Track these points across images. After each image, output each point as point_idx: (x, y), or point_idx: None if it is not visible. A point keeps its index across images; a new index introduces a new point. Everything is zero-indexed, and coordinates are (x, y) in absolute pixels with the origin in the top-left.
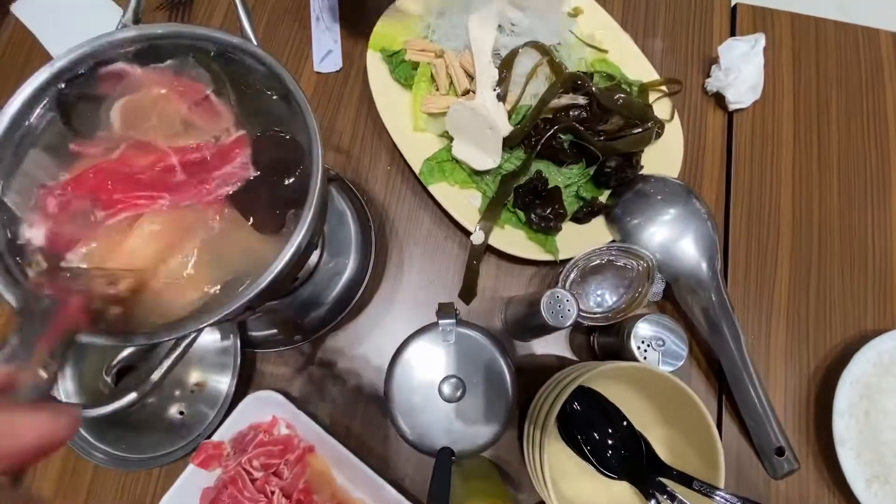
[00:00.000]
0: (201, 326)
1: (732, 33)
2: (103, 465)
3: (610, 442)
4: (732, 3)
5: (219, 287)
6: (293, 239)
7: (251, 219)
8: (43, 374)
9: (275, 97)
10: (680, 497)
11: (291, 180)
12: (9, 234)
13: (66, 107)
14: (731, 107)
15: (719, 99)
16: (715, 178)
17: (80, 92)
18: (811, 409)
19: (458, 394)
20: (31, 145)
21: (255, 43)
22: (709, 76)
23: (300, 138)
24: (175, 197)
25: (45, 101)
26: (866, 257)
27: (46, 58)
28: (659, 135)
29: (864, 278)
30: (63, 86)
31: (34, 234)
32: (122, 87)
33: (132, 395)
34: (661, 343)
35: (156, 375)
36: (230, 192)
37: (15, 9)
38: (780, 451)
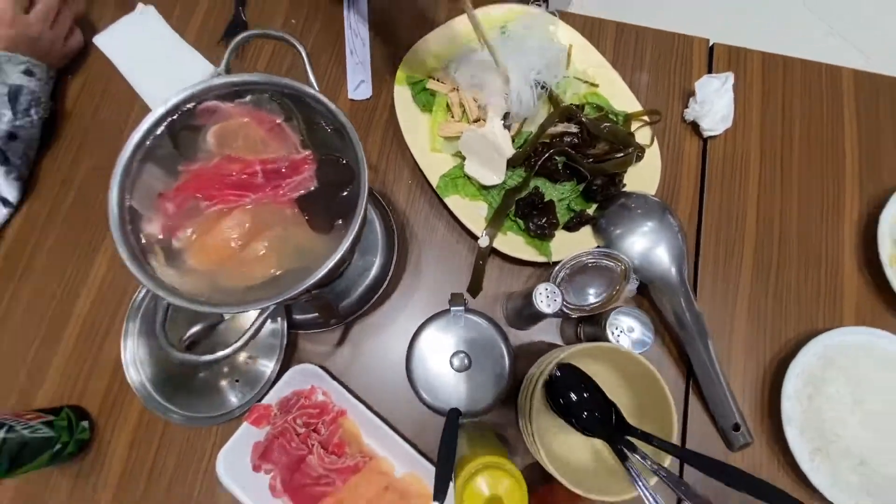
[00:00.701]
0: (279, 300)
1: (709, 70)
2: (173, 422)
3: (587, 407)
4: (710, 43)
5: (281, 271)
6: (344, 240)
7: (309, 219)
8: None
9: (330, 129)
10: (640, 449)
11: (343, 195)
12: (128, 229)
13: (175, 133)
14: (706, 134)
15: (696, 127)
16: (690, 195)
17: (184, 122)
18: (765, 393)
19: (466, 365)
20: (149, 162)
21: (316, 89)
22: (687, 107)
23: (351, 164)
24: (256, 196)
25: (160, 129)
26: (819, 267)
27: (123, 83)
28: (639, 158)
29: (817, 284)
30: (173, 118)
31: (153, 227)
32: (215, 118)
33: (226, 351)
34: (632, 330)
35: (244, 338)
36: (296, 196)
37: (97, 41)
38: (736, 427)
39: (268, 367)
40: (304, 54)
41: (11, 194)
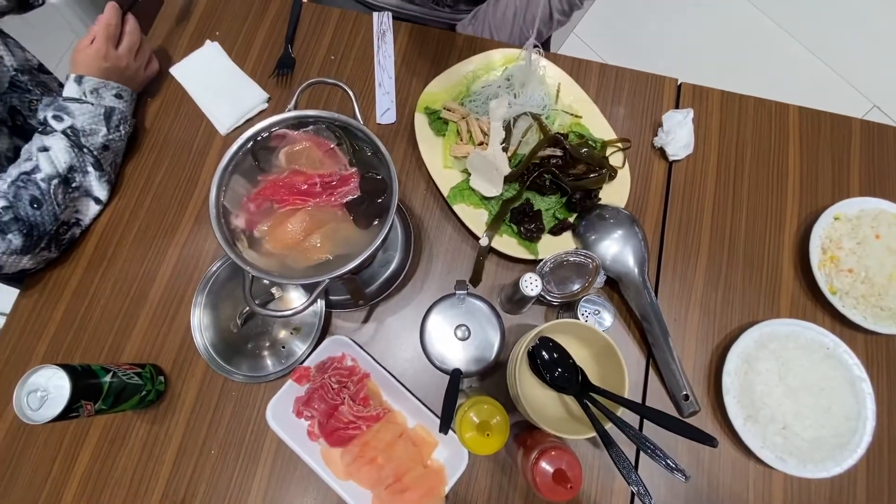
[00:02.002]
0: (331, 277)
1: (677, 104)
2: (231, 379)
3: (560, 370)
4: (678, 83)
5: (332, 256)
6: (380, 235)
7: (353, 219)
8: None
9: (370, 153)
10: (601, 402)
11: (379, 201)
12: (223, 221)
13: (255, 151)
14: (671, 158)
15: (663, 152)
16: (656, 209)
17: (262, 144)
18: (711, 371)
19: (467, 336)
20: (236, 173)
21: (361, 122)
22: (656, 135)
23: (386, 179)
24: (316, 200)
25: (245, 148)
26: (761, 269)
27: (192, 105)
28: (612, 177)
29: (759, 284)
30: (255, 140)
31: (239, 221)
32: (285, 141)
33: (293, 310)
34: (597, 313)
35: (307, 303)
36: (344, 202)
37: (173, 70)
38: (686, 397)
39: (308, 337)
40: (352, 97)
41: (102, 194)
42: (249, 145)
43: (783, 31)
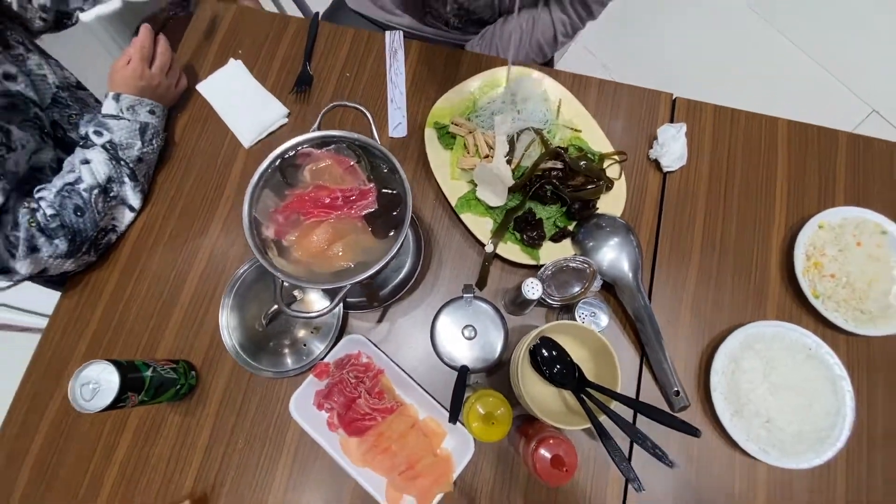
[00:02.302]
0: (353, 282)
1: (672, 118)
2: (256, 374)
3: (559, 367)
4: (673, 97)
5: (353, 263)
6: (395, 244)
7: (371, 230)
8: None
9: (386, 169)
10: (595, 396)
11: (394, 214)
12: (255, 232)
13: (283, 168)
14: (665, 169)
15: (657, 164)
16: (651, 217)
17: (289, 161)
18: (700, 369)
19: (473, 336)
20: (266, 187)
21: (378, 142)
22: (651, 147)
23: (401, 194)
24: (338, 213)
25: (274, 165)
26: (749, 274)
27: (217, 120)
28: (609, 188)
29: (747, 288)
30: (282, 159)
31: (269, 231)
32: (310, 159)
33: (317, 312)
34: (594, 315)
35: (334, 303)
36: (363, 214)
37: (199, 87)
38: (676, 393)
39: (327, 336)
40: (370, 118)
41: (136, 203)
42: (277, 162)
43: (783, 37)
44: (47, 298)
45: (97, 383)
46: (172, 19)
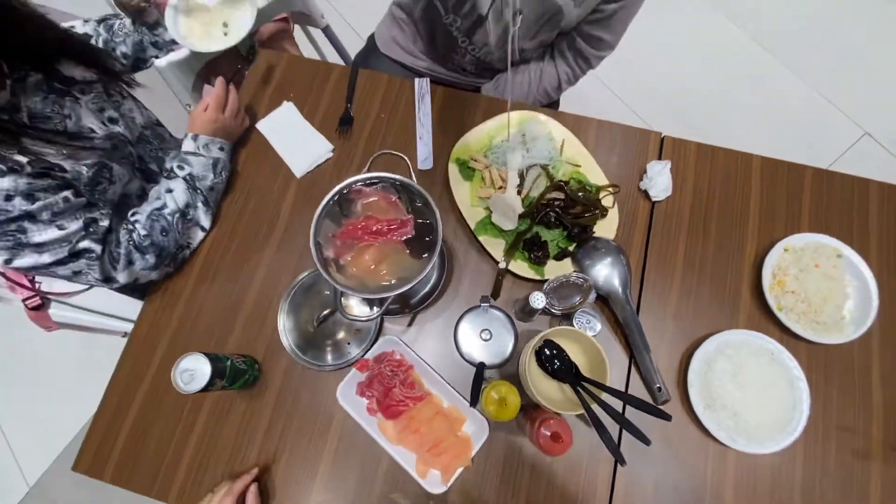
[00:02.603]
0: (395, 293)
1: (660, 154)
2: (307, 368)
3: (559, 364)
4: (662, 136)
5: (394, 279)
6: (429, 265)
7: (409, 252)
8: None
9: (421, 203)
10: (589, 388)
11: (427, 239)
12: (319, 252)
13: (340, 201)
14: (653, 199)
15: (647, 194)
16: (640, 240)
17: (345, 196)
18: (680, 369)
19: (489, 338)
20: (326, 218)
21: (415, 182)
22: (641, 180)
23: (433, 223)
24: (383, 238)
25: (334, 200)
26: (724, 289)
27: (274, 153)
28: (604, 215)
29: (721, 301)
30: (339, 195)
31: (329, 252)
32: (361, 195)
33: (376, 315)
34: (589, 322)
35: (381, 310)
36: (403, 239)
37: (258, 125)
38: (659, 389)
39: (367, 336)
40: (409, 163)
41: (207, 224)
42: (336, 198)
43: (780, 63)
44: (130, 308)
45: (193, 371)
46: (240, 72)
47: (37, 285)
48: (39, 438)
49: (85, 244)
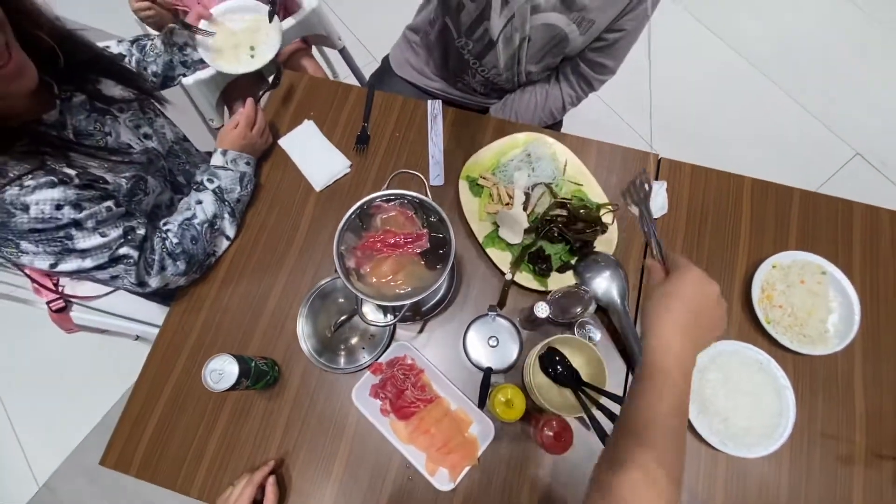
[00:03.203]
0: (411, 301)
1: (657, 175)
2: (323, 370)
3: (562, 370)
4: (659, 158)
5: (409, 288)
6: (443, 275)
7: (424, 263)
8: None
9: (435, 219)
10: (589, 392)
11: (441, 252)
12: (342, 262)
13: (360, 216)
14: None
15: None
16: (637, 255)
17: (366, 211)
18: None
19: (496, 345)
20: (348, 231)
21: (430, 198)
22: None
23: (447, 237)
24: (400, 251)
25: (354, 215)
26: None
27: (294, 168)
28: (604, 231)
29: None
30: (361, 210)
31: (351, 262)
32: (380, 210)
33: (392, 321)
34: (589, 330)
35: (397, 317)
36: (418, 252)
37: (280, 142)
38: None
39: (380, 342)
40: (425, 181)
41: (232, 233)
42: (358, 212)
43: (776, 86)
44: (156, 312)
45: (221, 371)
46: (265, 93)
47: (60, 288)
48: (51, 438)
49: (124, 250)
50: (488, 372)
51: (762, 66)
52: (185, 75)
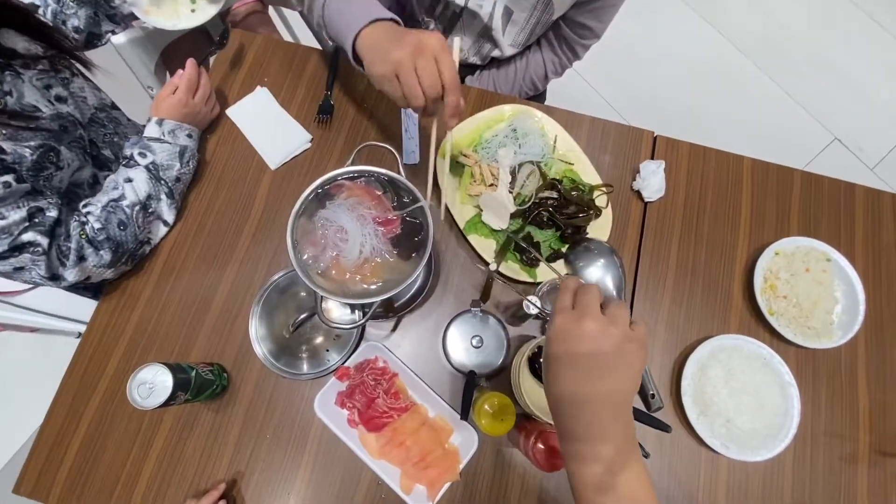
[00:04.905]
0: (381, 298)
1: (653, 154)
2: (282, 377)
3: None
4: (654, 136)
5: (379, 282)
6: (419, 266)
7: (397, 252)
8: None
9: (409, 199)
10: None
11: (416, 239)
12: (297, 253)
13: (320, 197)
14: (646, 200)
15: (639, 194)
16: (633, 242)
17: (326, 191)
18: (673, 375)
19: (480, 345)
20: (304, 215)
21: (403, 176)
22: (634, 180)
23: (422, 221)
24: None
25: (313, 195)
26: (716, 293)
27: (245, 142)
28: (598, 216)
29: (714, 305)
30: (319, 190)
31: (308, 253)
32: (343, 191)
33: (360, 322)
34: None
35: (366, 317)
36: (390, 238)
37: (228, 112)
38: (652, 396)
39: (348, 342)
40: (397, 156)
41: (170, 218)
42: (316, 193)
43: (760, 71)
44: (85, 308)
45: (152, 384)
46: (212, 55)
47: None
48: None
49: (29, 236)
50: (471, 376)
51: (745, 48)
52: (114, 32)
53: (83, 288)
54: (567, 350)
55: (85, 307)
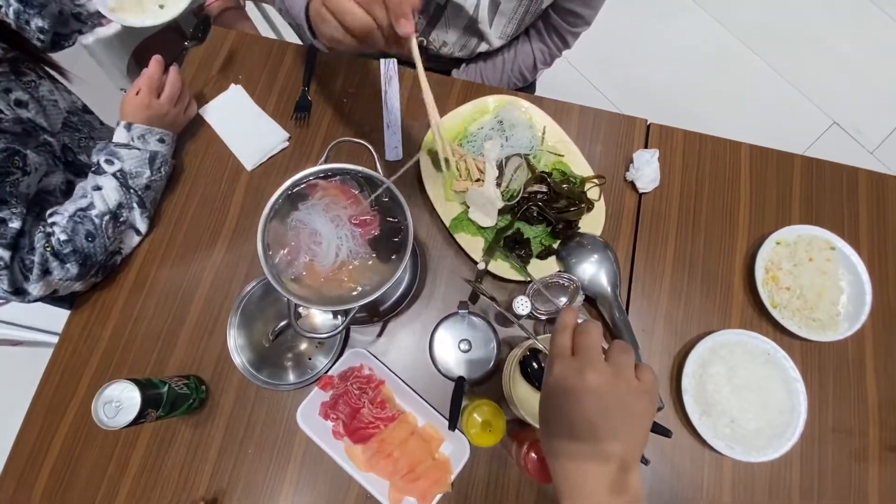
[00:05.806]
0: (360, 304)
1: (646, 143)
2: (262, 387)
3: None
4: (647, 123)
5: (358, 287)
6: (399, 268)
7: (375, 254)
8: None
9: (387, 198)
10: None
11: (395, 240)
12: (269, 253)
13: (292, 198)
14: (640, 190)
15: (633, 185)
16: (628, 235)
17: (298, 192)
18: (672, 373)
19: (468, 349)
20: (276, 218)
21: (381, 174)
22: (628, 170)
23: (402, 221)
24: None
25: (284, 197)
26: (716, 287)
27: (220, 143)
28: (590, 209)
29: (714, 299)
30: (290, 191)
31: (280, 258)
32: (317, 191)
33: (328, 334)
34: None
35: (343, 324)
36: (368, 239)
37: (202, 111)
38: None
39: (331, 350)
40: (374, 152)
41: (143, 227)
42: (287, 194)
43: (756, 56)
44: (57, 319)
45: (119, 402)
46: (187, 51)
47: None
48: None
49: None
50: (460, 382)
51: (741, 33)
52: (81, 32)
53: (59, 299)
54: (567, 407)
55: (60, 319)
